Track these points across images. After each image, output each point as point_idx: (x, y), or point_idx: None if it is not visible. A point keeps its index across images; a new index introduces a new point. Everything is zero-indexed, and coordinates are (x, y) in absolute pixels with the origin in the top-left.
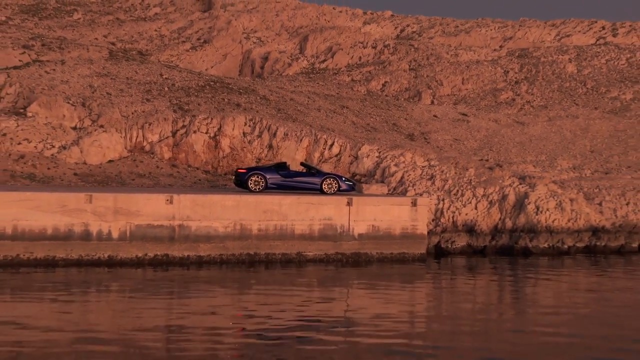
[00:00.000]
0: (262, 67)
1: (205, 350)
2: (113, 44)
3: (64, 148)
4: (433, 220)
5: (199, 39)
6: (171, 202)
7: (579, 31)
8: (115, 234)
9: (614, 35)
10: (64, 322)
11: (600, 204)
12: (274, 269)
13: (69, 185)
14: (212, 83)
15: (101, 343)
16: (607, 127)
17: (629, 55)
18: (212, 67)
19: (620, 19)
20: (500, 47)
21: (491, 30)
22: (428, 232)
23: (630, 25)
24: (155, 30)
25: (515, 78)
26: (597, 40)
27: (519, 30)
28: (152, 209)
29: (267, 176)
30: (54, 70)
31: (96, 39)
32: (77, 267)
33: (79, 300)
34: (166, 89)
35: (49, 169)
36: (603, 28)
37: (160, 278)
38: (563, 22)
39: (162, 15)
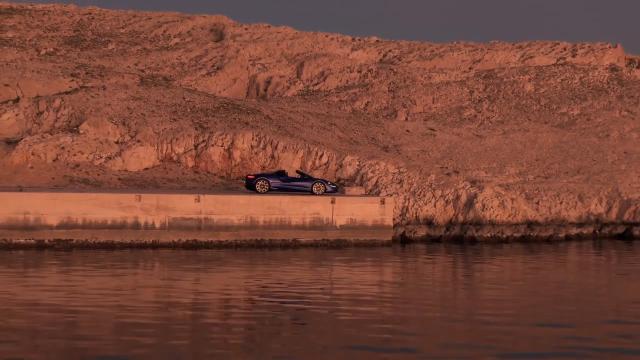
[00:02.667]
0: (265, 90)
1: (221, 307)
2: (142, 71)
3: (110, 158)
4: (400, 215)
5: (213, 66)
6: (198, 201)
7: (542, 52)
8: (157, 224)
9: (573, 56)
10: (129, 281)
11: (537, 203)
12: (275, 251)
13: (115, 188)
14: (225, 105)
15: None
16: (553, 139)
17: (582, 75)
18: (224, 90)
19: (582, 40)
20: (470, 68)
21: (462, 53)
22: (395, 224)
23: (589, 46)
24: (177, 59)
25: (479, 97)
26: (558, 60)
27: (487, 53)
28: (184, 205)
29: (270, 181)
30: (97, 95)
31: (128, 67)
32: (129, 249)
33: (132, 271)
34: (188, 110)
35: (98, 175)
36: (564, 49)
37: (187, 258)
38: (529, 44)
39: (182, 45)
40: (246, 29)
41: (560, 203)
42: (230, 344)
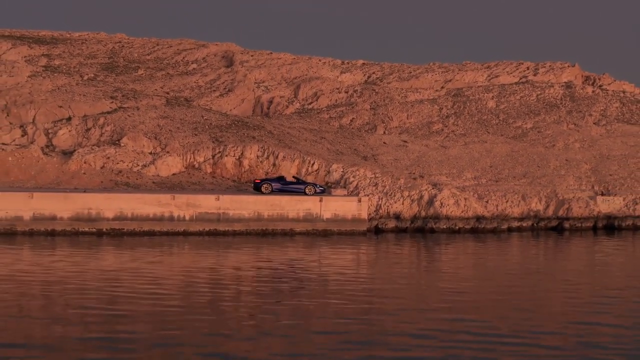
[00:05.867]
0: (268, 108)
1: (234, 277)
2: (167, 93)
3: (145, 166)
4: (374, 210)
5: (225, 88)
6: (218, 199)
7: (507, 72)
8: (187, 217)
9: (535, 75)
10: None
11: (487, 201)
12: (276, 238)
13: (151, 190)
14: (236, 122)
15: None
16: (506, 149)
17: (539, 92)
18: (234, 109)
19: (546, 59)
20: (442, 87)
21: (436, 74)
22: (370, 218)
23: (549, 65)
24: (195, 82)
25: (447, 113)
26: (520, 79)
27: (457, 73)
28: (207, 203)
29: (273, 184)
30: (133, 114)
31: (156, 89)
32: (166, 236)
33: (168, 252)
34: (206, 127)
35: (137, 179)
36: (527, 68)
37: (211, 242)
38: (496, 64)
39: (198, 70)
40: (252, 55)
41: (506, 202)
42: (242, 292)
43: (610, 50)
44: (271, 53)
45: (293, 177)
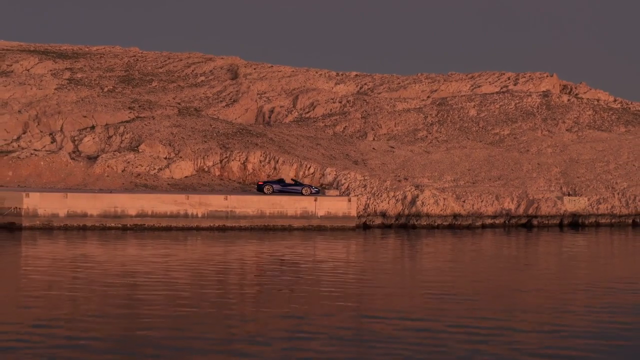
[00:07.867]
0: (269, 117)
1: (239, 263)
2: (179, 103)
3: (161, 169)
4: (363, 209)
5: (230, 99)
6: (226, 199)
7: (489, 82)
8: (199, 215)
9: (515, 84)
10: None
11: (464, 201)
12: (276, 233)
13: (166, 191)
14: (240, 130)
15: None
16: (484, 154)
17: (517, 101)
18: (239, 118)
19: (526, 69)
20: (428, 97)
21: (423, 84)
22: (359, 215)
23: (529, 76)
24: (203, 94)
25: (431, 121)
26: (501, 88)
27: (443, 83)
28: (217, 202)
29: (274, 185)
30: (149, 123)
31: (168, 100)
32: (181, 231)
33: (183, 243)
34: (215, 134)
35: (153, 181)
36: (508, 78)
37: (220, 236)
38: (480, 75)
39: (206, 82)
40: (254, 68)
41: (481, 201)
42: (248, 277)
43: (588, 60)
44: (272, 66)
45: (292, 179)
